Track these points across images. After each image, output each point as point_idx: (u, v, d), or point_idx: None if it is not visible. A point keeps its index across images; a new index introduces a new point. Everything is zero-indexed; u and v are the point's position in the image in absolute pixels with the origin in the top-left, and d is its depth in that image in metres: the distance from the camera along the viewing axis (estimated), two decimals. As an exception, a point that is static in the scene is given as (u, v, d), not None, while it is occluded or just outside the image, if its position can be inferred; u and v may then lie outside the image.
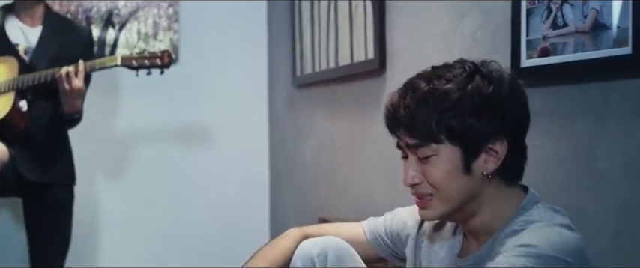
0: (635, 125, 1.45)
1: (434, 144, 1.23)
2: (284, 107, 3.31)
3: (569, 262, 1.11)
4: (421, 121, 1.22)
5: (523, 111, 1.27)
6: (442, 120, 1.21)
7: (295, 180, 3.23)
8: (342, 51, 2.63)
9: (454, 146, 1.22)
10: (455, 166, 1.23)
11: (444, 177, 1.23)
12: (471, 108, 1.21)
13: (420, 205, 1.30)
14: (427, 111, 1.21)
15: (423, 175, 1.26)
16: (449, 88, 1.21)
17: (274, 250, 1.43)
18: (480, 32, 1.91)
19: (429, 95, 1.22)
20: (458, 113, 1.21)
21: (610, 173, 1.50)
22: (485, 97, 1.21)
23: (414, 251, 1.44)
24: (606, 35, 1.48)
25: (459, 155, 1.23)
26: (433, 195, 1.26)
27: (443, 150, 1.23)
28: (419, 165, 1.26)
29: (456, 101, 1.21)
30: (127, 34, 3.21)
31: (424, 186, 1.26)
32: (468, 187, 1.24)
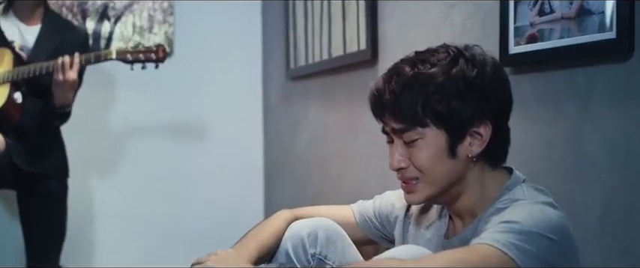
0: (619, 108, 1.47)
1: (420, 127, 1.25)
2: (278, 100, 3.33)
3: (552, 239, 1.13)
4: (407, 105, 1.24)
5: (506, 94, 1.30)
6: (427, 103, 1.23)
7: (290, 172, 3.25)
8: (335, 42, 2.65)
9: (439, 129, 1.25)
10: (440, 149, 1.25)
11: (430, 160, 1.26)
12: (456, 92, 1.23)
13: (405, 189, 1.32)
14: (412, 95, 1.23)
15: (408, 159, 1.28)
16: (433, 72, 1.23)
17: (264, 231, 1.45)
18: (469, 21, 1.94)
19: (414, 79, 1.24)
20: (443, 96, 1.23)
21: (595, 156, 1.53)
22: (469, 80, 1.23)
23: (401, 234, 1.47)
24: (591, 20, 1.51)
25: (445, 138, 1.25)
26: (419, 178, 1.29)
27: (428, 134, 1.25)
28: (405, 149, 1.28)
29: (440, 85, 1.23)
30: (122, 27, 3.23)
31: (410, 170, 1.29)
32: (453, 170, 1.27)
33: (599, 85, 1.52)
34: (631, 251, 1.44)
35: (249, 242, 1.42)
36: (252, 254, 1.38)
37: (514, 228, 1.12)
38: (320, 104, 2.91)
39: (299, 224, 1.45)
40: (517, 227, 1.12)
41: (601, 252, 1.50)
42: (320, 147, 2.92)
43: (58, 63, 2.38)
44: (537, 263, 1.10)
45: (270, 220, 1.49)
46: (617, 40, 1.44)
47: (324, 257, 1.41)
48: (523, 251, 1.09)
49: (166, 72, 3.12)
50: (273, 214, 1.53)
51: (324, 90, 2.86)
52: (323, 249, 1.41)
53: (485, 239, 1.11)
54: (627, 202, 1.45)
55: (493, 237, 1.10)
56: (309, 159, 3.03)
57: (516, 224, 1.12)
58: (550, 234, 1.13)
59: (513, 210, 1.19)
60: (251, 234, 1.45)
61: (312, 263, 1.40)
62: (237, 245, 1.42)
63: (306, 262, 1.41)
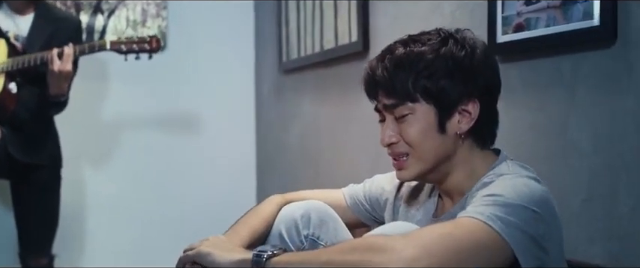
0: (603, 94, 1.51)
1: (410, 103, 1.29)
2: (270, 92, 3.37)
3: (536, 211, 1.16)
4: (398, 82, 1.29)
5: (494, 76, 1.34)
6: (418, 80, 1.28)
7: (282, 165, 3.28)
8: (327, 35, 2.69)
9: (429, 105, 1.29)
10: (430, 124, 1.30)
11: (420, 134, 1.30)
12: (445, 70, 1.28)
13: (397, 166, 1.36)
14: (403, 72, 1.28)
15: (399, 135, 1.32)
16: (423, 50, 1.29)
17: (256, 216, 1.48)
18: (458, 12, 1.97)
19: (405, 57, 1.29)
20: (432, 74, 1.28)
21: (580, 141, 1.57)
22: (457, 60, 1.28)
23: (392, 215, 1.50)
24: (576, 9, 1.55)
25: (434, 114, 1.30)
26: (409, 154, 1.33)
27: (418, 109, 1.30)
28: (396, 125, 1.32)
29: (429, 62, 1.28)
30: (115, 21, 3.25)
31: (401, 145, 1.33)
32: (442, 146, 1.31)
33: (584, 72, 1.56)
34: (615, 234, 1.48)
35: (241, 228, 1.44)
36: (245, 239, 1.41)
37: (498, 201, 1.15)
38: (312, 96, 2.94)
39: (292, 206, 1.48)
40: (501, 200, 1.15)
41: (585, 234, 1.54)
42: (313, 140, 2.95)
43: (52, 54, 2.41)
44: (521, 234, 1.13)
45: (262, 205, 1.52)
46: (600, 27, 1.48)
47: (317, 237, 1.44)
48: (507, 223, 1.12)
49: (160, 66, 3.15)
50: (265, 200, 1.56)
51: (317, 82, 2.90)
52: (316, 230, 1.44)
53: (470, 213, 1.14)
54: (611, 185, 1.49)
55: (477, 210, 1.13)
56: (301, 151, 3.06)
57: (500, 197, 1.15)
58: (533, 207, 1.16)
59: (498, 184, 1.22)
60: (243, 220, 1.48)
61: (306, 244, 1.44)
62: (230, 231, 1.45)
63: (299, 243, 1.44)
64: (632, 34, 1.43)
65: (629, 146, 1.45)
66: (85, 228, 3.31)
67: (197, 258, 1.32)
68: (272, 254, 1.19)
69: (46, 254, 2.68)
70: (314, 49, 2.81)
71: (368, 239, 1.12)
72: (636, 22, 1.43)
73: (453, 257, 1.06)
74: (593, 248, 1.52)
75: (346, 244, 1.14)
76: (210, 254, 1.30)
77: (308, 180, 2.99)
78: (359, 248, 1.08)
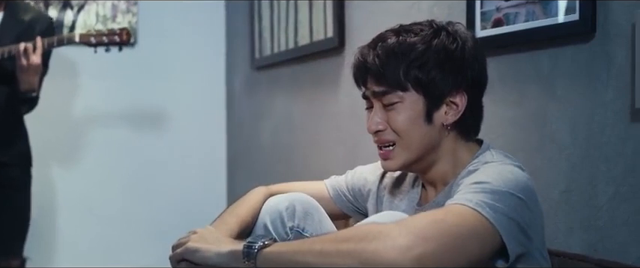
0: (581, 88, 1.54)
1: (400, 91, 1.31)
2: (242, 89, 3.35)
3: (521, 197, 1.18)
4: (389, 69, 1.30)
5: (482, 70, 1.36)
6: (409, 70, 1.30)
7: (253, 161, 3.27)
8: (301, 31, 2.69)
9: (418, 94, 1.31)
10: (418, 113, 1.31)
11: (407, 123, 1.31)
12: (436, 61, 1.29)
13: (383, 156, 1.37)
14: (396, 61, 1.30)
15: (386, 122, 1.33)
16: (416, 41, 1.30)
17: (243, 207, 1.48)
18: (436, 7, 1.99)
19: (398, 46, 1.30)
20: (423, 64, 1.29)
21: (559, 134, 1.60)
22: (449, 52, 1.30)
23: (375, 206, 1.51)
24: (555, 4, 1.57)
25: (422, 103, 1.31)
26: (396, 143, 1.34)
27: (408, 98, 1.31)
28: (383, 112, 1.34)
29: (422, 53, 1.29)
30: (85, 16, 3.21)
31: (387, 133, 1.34)
32: (428, 136, 1.32)
33: (563, 66, 1.59)
34: (593, 224, 1.51)
35: (229, 218, 1.44)
36: (233, 229, 1.40)
37: (485, 188, 1.16)
38: (285, 93, 2.94)
39: (276, 198, 1.48)
40: (488, 187, 1.16)
41: (564, 225, 1.57)
42: (285, 136, 2.95)
43: (19, 48, 2.36)
44: (507, 220, 1.14)
45: (247, 196, 1.52)
46: (580, 21, 1.51)
47: (302, 229, 1.44)
48: (495, 209, 1.13)
49: (130, 62, 3.13)
50: (250, 190, 1.56)
51: (290, 79, 2.89)
52: (301, 222, 1.44)
53: (459, 200, 1.15)
54: (589, 177, 1.52)
55: (466, 198, 1.15)
56: (274, 148, 3.06)
57: (487, 185, 1.17)
58: (518, 193, 1.19)
59: (484, 171, 1.24)
60: (229, 210, 1.48)
61: (290, 236, 1.43)
62: (217, 222, 1.44)
63: (284, 235, 1.43)
64: (611, 28, 1.46)
65: (608, 138, 1.48)
66: (56, 228, 3.26)
67: (186, 255, 1.30)
68: (263, 244, 1.18)
69: (17, 256, 2.62)
70: (288, 45, 2.81)
71: (361, 228, 1.12)
72: (615, 16, 1.46)
73: (446, 243, 1.07)
74: (572, 238, 1.55)
75: (339, 233, 1.14)
76: (198, 250, 1.29)
77: (280, 177, 2.98)
78: (353, 238, 1.08)
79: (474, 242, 1.12)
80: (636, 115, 1.41)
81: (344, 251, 1.07)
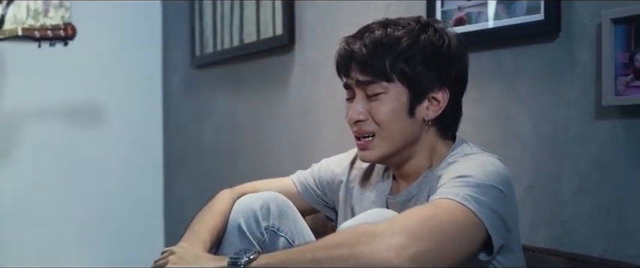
0: (545, 86, 1.58)
1: (385, 81, 1.30)
2: (181, 88, 3.27)
3: (501, 190, 1.20)
4: (376, 60, 1.30)
5: (465, 69, 1.38)
6: (396, 62, 1.30)
7: (194, 162, 3.19)
8: (247, 28, 2.64)
9: (403, 87, 1.31)
10: (401, 105, 1.31)
11: (390, 114, 1.31)
12: (422, 56, 1.30)
13: (361, 146, 1.36)
14: (383, 52, 1.30)
15: (368, 113, 1.33)
16: (403, 34, 1.31)
17: (211, 214, 1.43)
18: (393, 6, 2.00)
19: (386, 38, 1.30)
20: (410, 58, 1.30)
21: (523, 132, 1.63)
22: (436, 48, 1.31)
23: (345, 198, 1.50)
24: (519, 4, 1.60)
25: (406, 96, 1.31)
26: (376, 134, 1.33)
27: (392, 89, 1.31)
28: (366, 103, 1.33)
29: (408, 47, 1.30)
30: (15, 10, 3.04)
31: (368, 123, 1.33)
32: (409, 129, 1.33)
33: (526, 65, 1.62)
34: (557, 219, 1.55)
35: (199, 228, 1.39)
36: (206, 240, 1.36)
37: (470, 182, 1.17)
38: (229, 92, 2.89)
39: (249, 198, 1.45)
40: (472, 181, 1.17)
41: (529, 221, 1.60)
42: (229, 136, 2.89)
43: None
44: (491, 213, 1.16)
45: (214, 202, 1.48)
46: (544, 21, 1.54)
47: (277, 229, 1.41)
48: (480, 203, 1.14)
49: (62, 58, 3.00)
50: (215, 196, 1.51)
51: (235, 77, 2.84)
52: (275, 222, 1.41)
53: (446, 194, 1.15)
54: (554, 173, 1.55)
55: (452, 192, 1.15)
56: (216, 148, 2.99)
57: (471, 178, 1.18)
58: (500, 186, 1.20)
59: (465, 163, 1.25)
60: (197, 220, 1.43)
61: (266, 236, 1.40)
62: (188, 235, 1.38)
63: (259, 235, 1.40)
64: (575, 28, 1.50)
65: (572, 135, 1.52)
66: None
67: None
68: (249, 259, 1.14)
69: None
70: (232, 42, 2.76)
71: (352, 232, 1.09)
72: (579, 16, 1.50)
73: (439, 240, 1.07)
74: (537, 233, 1.58)
75: (328, 239, 1.11)
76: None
77: (224, 178, 2.93)
78: (345, 242, 1.06)
79: (465, 236, 1.12)
80: (601, 113, 1.46)
81: (337, 257, 1.04)
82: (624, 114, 1.42)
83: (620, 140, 1.43)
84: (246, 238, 1.39)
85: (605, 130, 1.45)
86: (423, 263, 1.03)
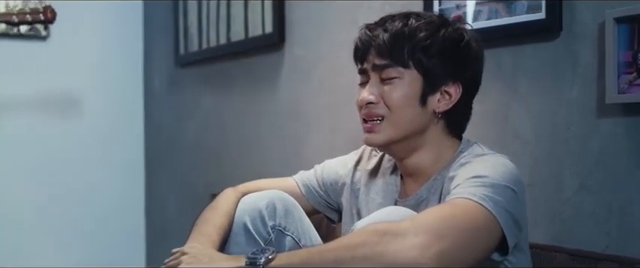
0: (545, 85, 1.59)
1: (401, 67, 1.32)
2: (164, 87, 3.23)
3: (514, 190, 1.21)
4: (396, 46, 1.32)
5: (480, 70, 1.40)
6: (414, 50, 1.32)
7: (176, 161, 3.16)
8: (235, 27, 2.62)
9: (418, 74, 1.32)
10: (414, 92, 1.32)
11: (403, 99, 1.32)
12: (441, 49, 1.32)
13: (368, 129, 1.36)
14: (402, 40, 1.32)
15: (380, 96, 1.33)
16: (423, 26, 1.33)
17: (217, 213, 1.41)
18: (389, 4, 1.99)
19: (407, 28, 1.33)
20: (428, 48, 1.31)
21: (522, 130, 1.64)
22: (454, 43, 1.33)
23: (349, 200, 1.49)
24: (520, 3, 1.61)
25: (420, 84, 1.33)
26: (385, 117, 1.34)
27: (407, 75, 1.32)
28: (379, 86, 1.34)
29: (428, 38, 1.31)
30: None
31: (379, 107, 1.34)
32: (418, 118, 1.33)
33: (525, 64, 1.63)
34: (558, 216, 1.56)
35: (206, 228, 1.37)
36: (215, 240, 1.34)
37: (486, 182, 1.18)
38: (214, 90, 2.86)
39: (254, 196, 1.43)
40: (488, 181, 1.18)
41: (529, 218, 1.58)
42: (214, 135, 2.86)
43: None
44: (505, 213, 1.16)
45: (219, 200, 1.46)
46: (546, 20, 1.55)
47: (284, 228, 1.40)
48: (496, 202, 1.15)
49: (40, 52, 2.95)
50: (219, 195, 1.49)
51: (220, 75, 2.81)
52: (282, 221, 1.40)
53: (462, 194, 1.15)
54: (554, 171, 1.56)
55: (469, 192, 1.16)
56: (200, 146, 2.96)
57: (487, 179, 1.18)
58: (513, 186, 1.21)
59: (480, 164, 1.25)
60: (204, 219, 1.41)
61: (272, 236, 1.39)
62: (195, 235, 1.36)
63: (266, 234, 1.39)
64: (577, 27, 1.51)
65: (573, 133, 1.53)
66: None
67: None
68: (268, 258, 1.12)
69: None
70: (219, 41, 2.73)
71: (375, 230, 1.07)
72: (581, 15, 1.51)
73: (460, 239, 1.07)
74: (537, 230, 1.59)
75: (348, 239, 1.09)
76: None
77: (209, 175, 2.90)
78: (369, 242, 1.04)
79: (483, 236, 1.12)
80: (603, 111, 1.47)
81: (361, 256, 1.03)
82: (627, 112, 1.43)
83: (623, 138, 1.44)
84: (253, 237, 1.37)
85: (607, 128, 1.47)
86: (446, 262, 1.03)
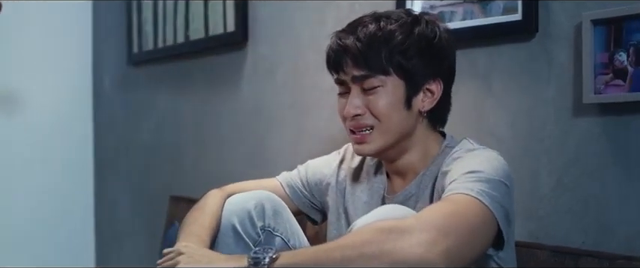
0: (520, 85, 1.62)
1: (382, 75, 1.31)
2: (115, 86, 3.15)
3: (507, 184, 1.23)
4: (372, 53, 1.30)
5: (454, 59, 1.40)
6: (392, 55, 1.30)
7: (129, 163, 3.08)
8: (194, 25, 2.58)
9: (400, 79, 1.31)
10: (398, 98, 1.32)
11: (388, 107, 1.31)
12: (417, 49, 1.31)
13: (358, 140, 1.35)
14: (379, 46, 1.30)
15: (365, 107, 1.32)
16: (397, 28, 1.31)
17: (205, 213, 1.38)
18: (358, 4, 1.99)
19: (380, 32, 1.30)
20: (406, 50, 1.30)
21: (497, 128, 1.66)
22: (429, 40, 1.33)
23: (335, 200, 1.49)
24: (495, 4, 1.64)
25: (403, 89, 1.32)
26: (374, 127, 1.33)
27: (389, 82, 1.31)
28: (362, 97, 1.33)
29: (404, 40, 1.31)
30: None
31: (366, 118, 1.33)
32: (406, 121, 1.34)
33: (500, 64, 1.66)
34: (535, 213, 1.59)
35: (196, 228, 1.34)
36: (205, 241, 1.31)
37: (481, 177, 1.19)
38: (170, 89, 2.80)
39: (240, 197, 1.41)
40: (483, 176, 1.19)
41: (506, 216, 1.63)
42: (171, 135, 2.81)
43: None
44: (500, 208, 1.18)
45: (205, 202, 1.43)
46: (522, 21, 1.58)
47: (273, 229, 1.38)
48: (492, 197, 1.16)
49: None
50: (204, 196, 1.46)
51: (177, 74, 2.76)
52: (271, 221, 1.38)
53: (460, 190, 1.16)
54: (530, 169, 1.60)
55: (466, 187, 1.16)
56: (156, 147, 2.90)
57: (482, 174, 1.19)
58: (506, 181, 1.23)
59: (473, 159, 1.26)
60: (190, 220, 1.37)
61: (262, 237, 1.37)
62: (185, 236, 1.32)
63: (255, 236, 1.36)
64: (553, 28, 1.55)
65: (549, 132, 1.56)
66: None
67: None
68: (271, 259, 1.10)
69: None
70: (176, 39, 2.68)
71: (380, 228, 1.06)
72: (557, 17, 1.55)
73: (463, 234, 1.07)
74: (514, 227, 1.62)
75: (351, 237, 1.08)
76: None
77: (165, 178, 2.84)
78: (375, 240, 1.04)
79: (484, 231, 1.13)
80: (580, 111, 1.51)
81: (368, 254, 1.02)
82: (603, 112, 1.47)
83: (599, 136, 1.48)
84: (241, 239, 1.35)
85: (583, 127, 1.51)
86: (453, 258, 1.03)
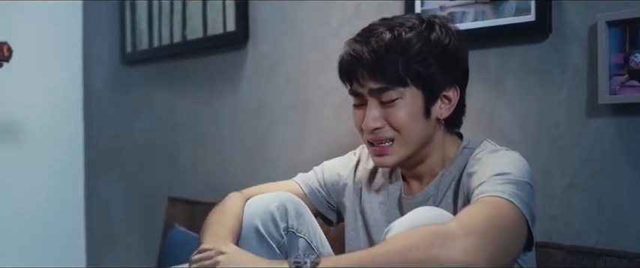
0: (532, 86, 1.63)
1: (400, 87, 1.29)
2: (107, 86, 3.11)
3: (531, 185, 1.24)
4: (389, 65, 1.27)
5: (467, 62, 1.40)
6: (410, 65, 1.28)
7: (121, 164, 3.05)
8: (191, 24, 2.55)
9: (418, 89, 1.30)
10: (417, 109, 1.31)
11: (408, 119, 1.30)
12: (435, 56, 1.30)
13: (378, 153, 1.34)
14: (394, 56, 1.27)
15: (384, 120, 1.31)
16: (412, 36, 1.29)
17: (227, 215, 1.36)
18: (364, 3, 1.99)
19: (396, 42, 1.28)
20: (423, 59, 1.29)
21: (508, 129, 1.67)
22: (445, 46, 1.31)
23: (353, 201, 1.49)
24: (508, 5, 1.65)
25: (421, 99, 1.31)
26: (395, 139, 1.32)
27: (407, 93, 1.30)
28: (380, 109, 1.31)
29: (420, 49, 1.29)
30: None
31: (386, 130, 1.32)
32: (425, 130, 1.33)
33: (512, 65, 1.67)
34: (548, 213, 1.61)
35: (219, 230, 1.31)
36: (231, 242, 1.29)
37: (511, 179, 1.19)
38: (166, 90, 2.78)
39: (262, 199, 1.39)
40: (512, 178, 1.19)
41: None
42: (167, 135, 2.78)
43: None
44: (527, 208, 1.18)
45: (226, 204, 1.41)
46: (536, 22, 1.59)
47: (296, 230, 1.37)
48: (521, 198, 1.16)
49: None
50: (224, 198, 1.45)
51: (174, 74, 2.74)
52: (294, 222, 1.37)
53: (491, 192, 1.16)
54: (543, 169, 1.61)
55: (497, 189, 1.16)
56: (151, 148, 2.87)
57: (510, 175, 1.20)
58: (531, 181, 1.24)
59: (499, 160, 1.26)
60: (213, 222, 1.35)
61: (285, 238, 1.36)
62: (210, 239, 1.29)
63: (278, 237, 1.35)
64: (567, 29, 1.56)
65: (562, 133, 1.58)
66: None
67: None
68: (313, 262, 1.09)
69: None
70: (173, 39, 2.65)
71: (422, 233, 1.05)
72: (570, 17, 1.56)
73: (504, 239, 1.08)
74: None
75: (398, 243, 1.06)
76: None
77: (162, 177, 2.82)
78: (420, 245, 1.02)
79: (519, 234, 1.14)
80: (594, 111, 1.52)
81: (413, 260, 1.01)
82: (617, 113, 1.49)
83: (613, 137, 1.50)
84: (265, 240, 1.34)
85: (597, 128, 1.52)
86: (496, 263, 1.04)
